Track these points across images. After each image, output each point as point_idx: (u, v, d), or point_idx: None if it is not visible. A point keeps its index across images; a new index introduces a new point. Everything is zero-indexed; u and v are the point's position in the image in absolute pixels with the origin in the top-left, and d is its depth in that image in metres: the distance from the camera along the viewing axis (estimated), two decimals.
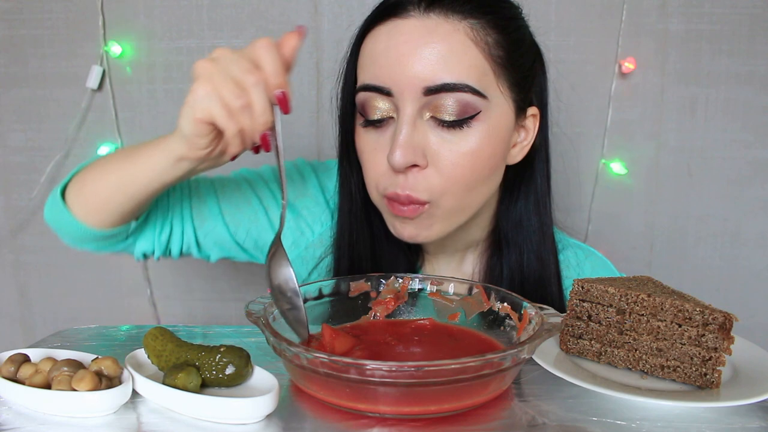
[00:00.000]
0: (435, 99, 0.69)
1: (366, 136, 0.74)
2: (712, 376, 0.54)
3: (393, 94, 0.70)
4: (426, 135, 0.70)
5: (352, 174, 0.80)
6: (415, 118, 0.70)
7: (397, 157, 0.68)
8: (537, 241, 0.81)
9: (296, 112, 1.22)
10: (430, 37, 0.68)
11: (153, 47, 1.21)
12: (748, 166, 1.23)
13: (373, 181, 0.75)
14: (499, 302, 0.62)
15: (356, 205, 0.81)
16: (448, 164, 0.70)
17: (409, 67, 0.68)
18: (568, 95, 1.20)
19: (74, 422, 0.48)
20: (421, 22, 0.69)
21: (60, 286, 1.31)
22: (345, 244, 0.82)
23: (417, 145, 0.69)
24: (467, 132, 0.70)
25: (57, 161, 1.25)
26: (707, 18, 1.18)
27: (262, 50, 0.60)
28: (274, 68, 0.60)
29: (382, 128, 0.73)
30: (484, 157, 0.71)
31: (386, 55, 0.70)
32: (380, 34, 0.72)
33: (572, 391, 0.53)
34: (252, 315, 0.55)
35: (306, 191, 0.87)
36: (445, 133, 0.70)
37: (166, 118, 1.23)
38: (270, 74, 0.60)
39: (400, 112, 0.70)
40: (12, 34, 1.22)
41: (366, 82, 0.72)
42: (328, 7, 1.19)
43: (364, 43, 0.74)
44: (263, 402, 0.48)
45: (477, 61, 0.69)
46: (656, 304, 0.56)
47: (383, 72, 0.70)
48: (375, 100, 0.71)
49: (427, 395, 0.48)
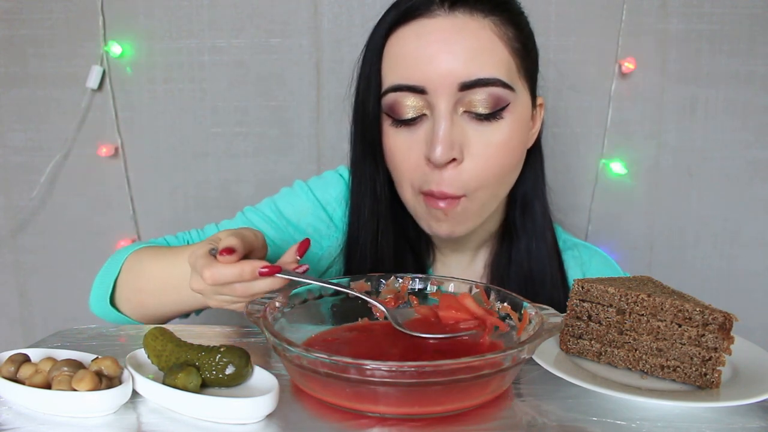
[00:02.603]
0: (469, 94, 0.71)
1: (397, 136, 0.75)
2: (712, 376, 0.54)
3: (427, 92, 0.71)
4: (462, 130, 0.72)
5: (378, 174, 0.80)
6: (451, 113, 0.71)
7: (438, 153, 0.70)
8: (541, 228, 0.84)
9: (296, 112, 1.23)
10: (460, 35, 0.70)
11: (153, 47, 1.21)
12: (748, 166, 1.23)
13: (407, 180, 0.76)
14: (499, 302, 0.62)
15: (383, 204, 0.82)
16: (484, 157, 0.72)
17: (443, 64, 0.70)
18: (568, 95, 1.20)
19: (74, 422, 0.48)
20: (449, 21, 0.71)
21: (60, 286, 1.31)
22: (366, 243, 0.82)
23: (455, 139, 0.71)
24: (500, 124, 0.72)
25: (57, 161, 1.25)
26: (707, 18, 1.18)
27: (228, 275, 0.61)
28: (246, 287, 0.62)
29: (414, 127, 0.74)
30: (514, 147, 0.74)
31: (416, 55, 0.71)
32: (407, 35, 0.73)
33: (572, 391, 0.53)
34: (252, 315, 0.55)
35: (308, 211, 0.88)
36: (479, 126, 0.72)
37: (166, 118, 1.23)
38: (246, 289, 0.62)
39: (435, 108, 0.71)
40: (12, 34, 1.22)
41: (397, 83, 0.73)
42: (328, 7, 1.19)
43: (388, 44, 0.74)
44: (263, 402, 0.48)
45: (503, 56, 0.72)
46: (656, 304, 0.56)
47: (415, 71, 0.71)
48: (407, 99, 0.73)
49: (427, 395, 0.48)
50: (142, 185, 1.26)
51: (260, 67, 1.21)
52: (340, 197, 0.88)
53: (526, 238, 0.84)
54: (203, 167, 1.25)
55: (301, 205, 0.88)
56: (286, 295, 0.62)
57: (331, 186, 0.89)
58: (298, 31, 1.20)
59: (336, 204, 0.88)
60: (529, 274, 0.83)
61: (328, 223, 0.87)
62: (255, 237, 0.66)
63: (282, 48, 1.21)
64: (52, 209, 1.28)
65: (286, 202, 0.89)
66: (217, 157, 1.25)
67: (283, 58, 1.21)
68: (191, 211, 1.27)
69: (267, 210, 0.88)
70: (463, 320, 0.61)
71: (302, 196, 0.89)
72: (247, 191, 1.26)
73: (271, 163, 1.25)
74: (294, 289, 0.64)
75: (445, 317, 0.62)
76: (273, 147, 1.24)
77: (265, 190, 1.24)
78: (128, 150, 1.25)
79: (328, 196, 0.88)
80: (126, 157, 1.25)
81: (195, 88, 1.22)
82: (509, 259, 0.84)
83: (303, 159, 1.24)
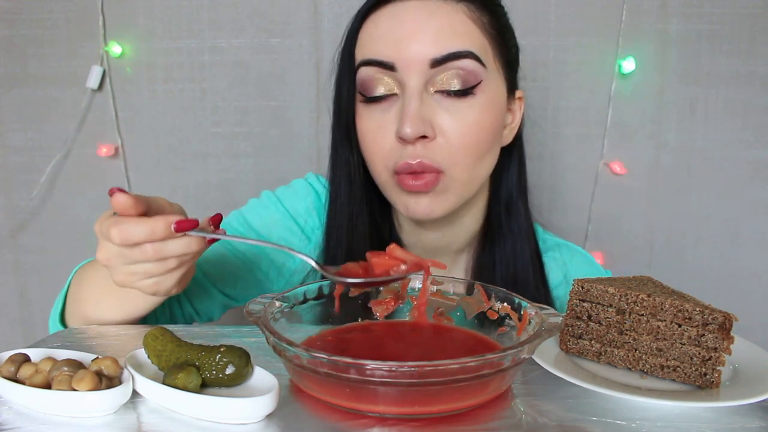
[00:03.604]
0: (440, 71, 0.72)
1: (369, 116, 0.75)
2: (711, 376, 0.54)
3: (397, 69, 0.72)
4: (433, 108, 0.72)
5: (352, 156, 0.80)
6: (421, 91, 0.72)
7: (407, 128, 0.70)
8: (525, 229, 0.83)
9: (296, 112, 1.23)
10: (432, 17, 0.72)
11: (153, 47, 1.21)
12: (748, 166, 1.23)
13: (380, 160, 0.75)
14: (499, 302, 0.62)
15: (356, 185, 0.81)
16: (456, 134, 0.72)
17: (414, 43, 0.71)
18: (569, 95, 1.20)
19: (74, 422, 0.48)
20: (421, 4, 0.72)
21: (60, 286, 1.30)
22: (343, 231, 0.81)
23: (425, 116, 0.71)
24: (471, 102, 0.73)
25: (57, 161, 1.25)
26: (707, 18, 1.18)
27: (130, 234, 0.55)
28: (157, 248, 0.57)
29: (385, 105, 0.74)
30: (487, 127, 0.74)
31: (389, 34, 0.72)
32: (381, 17, 0.74)
33: (572, 391, 0.53)
34: (252, 315, 0.55)
35: (278, 222, 0.86)
36: (450, 104, 0.72)
37: (166, 118, 1.23)
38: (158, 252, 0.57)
39: (406, 86, 0.72)
40: (12, 34, 1.22)
41: (369, 57, 0.74)
42: (328, 7, 1.19)
43: (363, 26, 0.76)
44: (263, 402, 0.48)
45: (477, 35, 0.73)
46: (656, 304, 0.56)
47: (386, 48, 0.72)
48: (378, 75, 0.73)
49: (427, 395, 0.48)
50: (142, 185, 1.26)
51: (260, 67, 1.21)
52: (311, 208, 0.87)
53: (512, 239, 0.83)
54: (203, 167, 1.25)
55: (270, 217, 0.86)
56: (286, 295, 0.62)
57: (301, 196, 0.87)
58: (298, 31, 1.20)
59: (307, 215, 0.86)
60: (514, 276, 0.82)
61: (299, 235, 0.86)
62: (170, 206, 0.62)
63: (282, 48, 1.21)
64: (52, 209, 1.28)
65: (255, 214, 0.86)
66: (217, 157, 1.25)
67: (283, 58, 1.21)
68: (191, 211, 1.26)
69: (235, 223, 0.86)
70: (395, 266, 0.59)
71: (271, 207, 0.87)
72: (247, 191, 1.26)
73: (271, 163, 1.25)
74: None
75: (377, 264, 0.59)
76: (273, 147, 1.24)
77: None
78: (128, 150, 1.25)
79: (299, 207, 0.87)
80: (126, 157, 1.25)
81: (195, 88, 1.22)
82: (493, 262, 0.83)
83: (303, 159, 1.24)
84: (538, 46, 1.19)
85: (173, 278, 0.61)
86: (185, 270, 0.61)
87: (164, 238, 0.56)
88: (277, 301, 0.60)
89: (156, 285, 0.60)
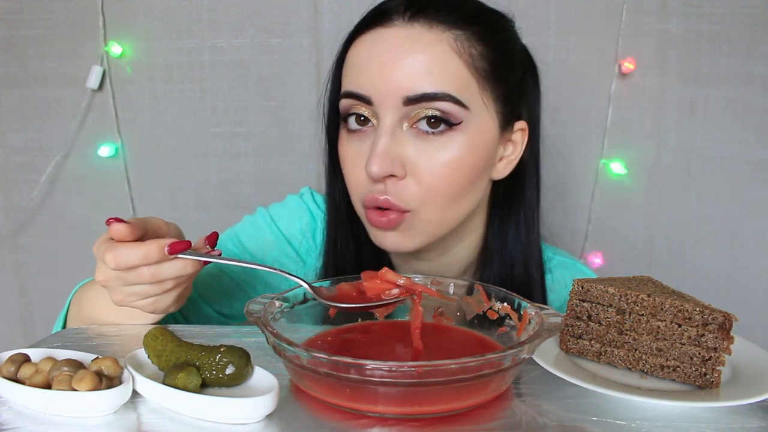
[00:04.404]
0: (414, 109, 0.68)
1: (348, 145, 0.74)
2: (711, 376, 0.54)
3: (373, 103, 0.70)
4: (405, 145, 0.69)
5: (337, 181, 0.80)
6: (395, 128, 0.69)
7: (374, 167, 0.68)
8: (525, 257, 0.80)
9: (296, 112, 1.23)
10: (413, 47, 0.68)
11: (153, 47, 1.21)
12: (748, 166, 1.23)
13: (354, 190, 0.74)
14: (499, 302, 0.62)
15: (339, 211, 0.81)
16: (426, 174, 0.69)
17: (390, 77, 0.68)
18: (569, 95, 1.20)
19: (74, 422, 0.48)
20: (404, 32, 0.69)
21: (60, 286, 1.31)
22: (331, 252, 0.81)
23: (395, 155, 0.69)
24: (446, 142, 0.69)
25: (57, 161, 1.25)
26: (707, 18, 1.18)
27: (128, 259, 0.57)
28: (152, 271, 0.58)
29: (362, 136, 0.72)
30: (463, 169, 0.70)
31: (368, 64, 0.70)
32: (364, 43, 0.71)
33: (572, 391, 0.53)
34: (252, 315, 0.55)
35: (272, 245, 0.86)
36: (423, 143, 0.69)
37: (166, 118, 1.23)
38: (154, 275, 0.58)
39: (380, 120, 0.70)
40: (12, 34, 1.22)
41: (348, 89, 0.72)
42: (328, 7, 1.19)
43: (350, 51, 0.74)
44: (263, 402, 0.48)
45: (460, 72, 0.69)
46: (656, 304, 0.56)
47: (365, 80, 0.70)
48: (356, 107, 0.71)
49: (427, 395, 0.48)
50: (142, 185, 1.26)
51: (260, 67, 1.21)
52: (306, 229, 0.86)
53: (508, 266, 0.80)
54: (203, 167, 1.25)
55: (265, 239, 0.85)
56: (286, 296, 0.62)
57: (296, 217, 0.86)
58: (298, 31, 1.20)
59: (302, 236, 0.85)
60: None
61: (294, 257, 0.85)
62: (166, 226, 0.63)
63: (282, 48, 1.21)
64: (52, 209, 1.28)
65: (249, 236, 0.86)
66: (217, 157, 1.25)
67: (283, 58, 1.21)
68: (191, 211, 1.27)
69: (229, 244, 0.85)
70: (387, 290, 0.60)
71: (266, 228, 0.86)
72: (247, 191, 1.26)
73: (271, 163, 1.25)
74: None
75: (369, 288, 0.60)
76: (273, 147, 1.24)
77: (265, 190, 1.25)
78: (128, 150, 1.25)
79: (293, 229, 0.86)
80: (126, 157, 1.25)
81: (195, 88, 1.22)
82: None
83: (303, 159, 1.24)
84: (538, 46, 1.18)
85: (171, 297, 0.63)
86: (182, 289, 0.63)
87: (158, 261, 0.58)
88: (277, 301, 0.60)
89: (154, 304, 0.62)
